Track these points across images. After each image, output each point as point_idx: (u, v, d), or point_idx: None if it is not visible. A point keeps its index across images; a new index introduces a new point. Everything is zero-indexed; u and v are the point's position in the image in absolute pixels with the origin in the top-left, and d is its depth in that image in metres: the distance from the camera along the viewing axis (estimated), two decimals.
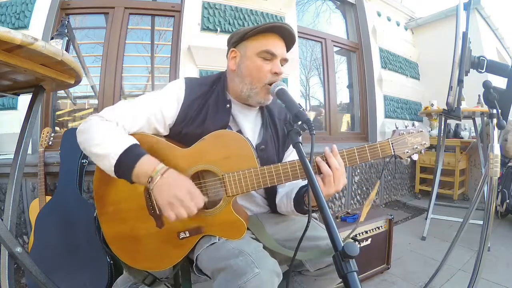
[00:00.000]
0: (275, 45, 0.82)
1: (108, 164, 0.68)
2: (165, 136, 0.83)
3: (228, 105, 0.84)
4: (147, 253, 0.78)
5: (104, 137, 0.69)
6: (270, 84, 0.81)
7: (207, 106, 0.83)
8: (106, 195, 0.78)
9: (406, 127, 0.80)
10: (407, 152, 0.78)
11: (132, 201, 0.76)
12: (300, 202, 0.79)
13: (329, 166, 0.70)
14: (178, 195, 0.65)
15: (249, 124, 0.89)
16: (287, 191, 0.86)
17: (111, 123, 0.73)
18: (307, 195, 0.76)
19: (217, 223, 0.74)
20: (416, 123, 0.79)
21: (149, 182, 0.66)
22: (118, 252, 0.79)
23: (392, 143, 0.77)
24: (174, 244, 0.76)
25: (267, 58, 0.81)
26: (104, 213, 0.78)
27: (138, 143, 0.72)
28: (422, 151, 0.79)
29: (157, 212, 0.75)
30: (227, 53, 0.89)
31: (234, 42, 0.86)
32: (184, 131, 0.81)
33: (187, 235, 0.75)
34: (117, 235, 0.78)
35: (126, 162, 0.67)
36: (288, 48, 0.87)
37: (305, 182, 0.78)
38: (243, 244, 0.70)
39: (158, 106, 0.79)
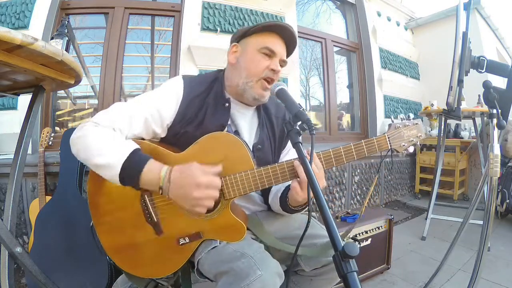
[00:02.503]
0: (276, 43, 0.82)
1: (112, 173, 0.65)
2: (161, 140, 0.82)
3: (227, 104, 0.84)
4: (148, 261, 0.76)
5: (103, 146, 0.66)
6: (265, 80, 0.81)
7: (206, 105, 0.82)
8: (101, 202, 0.76)
9: (401, 120, 0.81)
10: (404, 145, 0.79)
11: (128, 209, 0.74)
12: (284, 202, 0.80)
13: None
14: (194, 195, 0.63)
15: (246, 124, 0.88)
16: (277, 189, 0.86)
17: (107, 129, 0.70)
18: (289, 197, 0.76)
19: (216, 226, 0.73)
20: (412, 115, 0.80)
21: (161, 192, 0.66)
22: (119, 261, 0.78)
23: (388, 137, 0.78)
24: (174, 250, 0.74)
25: (267, 54, 0.81)
26: (101, 223, 0.77)
27: (139, 147, 0.69)
28: (418, 143, 0.80)
29: (155, 219, 0.73)
30: (229, 49, 0.88)
31: (237, 38, 0.87)
32: (183, 130, 0.79)
33: (187, 241, 0.73)
34: (116, 245, 0.77)
35: (131, 170, 0.65)
36: (289, 52, 0.87)
37: None
38: (245, 246, 0.69)
39: (156, 106, 0.76)
